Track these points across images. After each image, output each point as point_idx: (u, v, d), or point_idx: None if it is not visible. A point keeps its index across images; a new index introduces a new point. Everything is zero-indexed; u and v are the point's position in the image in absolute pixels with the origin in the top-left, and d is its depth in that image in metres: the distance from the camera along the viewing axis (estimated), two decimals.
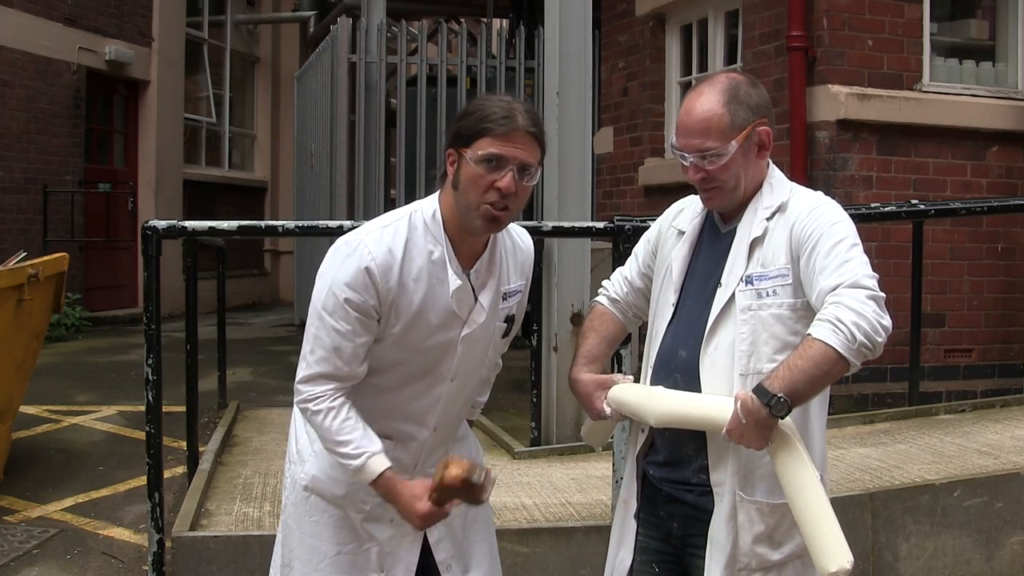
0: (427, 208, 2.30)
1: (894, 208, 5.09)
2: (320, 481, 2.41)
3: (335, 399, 2.26)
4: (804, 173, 5.96)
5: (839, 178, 6.00)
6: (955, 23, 6.67)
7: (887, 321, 2.02)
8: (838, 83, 5.98)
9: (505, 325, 2.41)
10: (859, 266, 2.08)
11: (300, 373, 2.29)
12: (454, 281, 2.26)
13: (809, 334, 2.02)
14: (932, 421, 5.36)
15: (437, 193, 2.33)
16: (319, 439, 2.32)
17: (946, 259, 6.17)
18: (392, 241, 2.23)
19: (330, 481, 2.39)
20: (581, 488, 4.46)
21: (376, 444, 2.25)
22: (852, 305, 2.00)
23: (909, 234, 5.56)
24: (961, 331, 6.27)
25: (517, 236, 2.45)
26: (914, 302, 5.55)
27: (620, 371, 3.99)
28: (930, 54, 6.28)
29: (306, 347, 2.29)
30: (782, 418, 2.03)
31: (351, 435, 2.24)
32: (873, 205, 5.28)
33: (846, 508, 3.95)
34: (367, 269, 2.20)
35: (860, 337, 1.97)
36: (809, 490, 2.06)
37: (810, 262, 2.13)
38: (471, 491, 2.17)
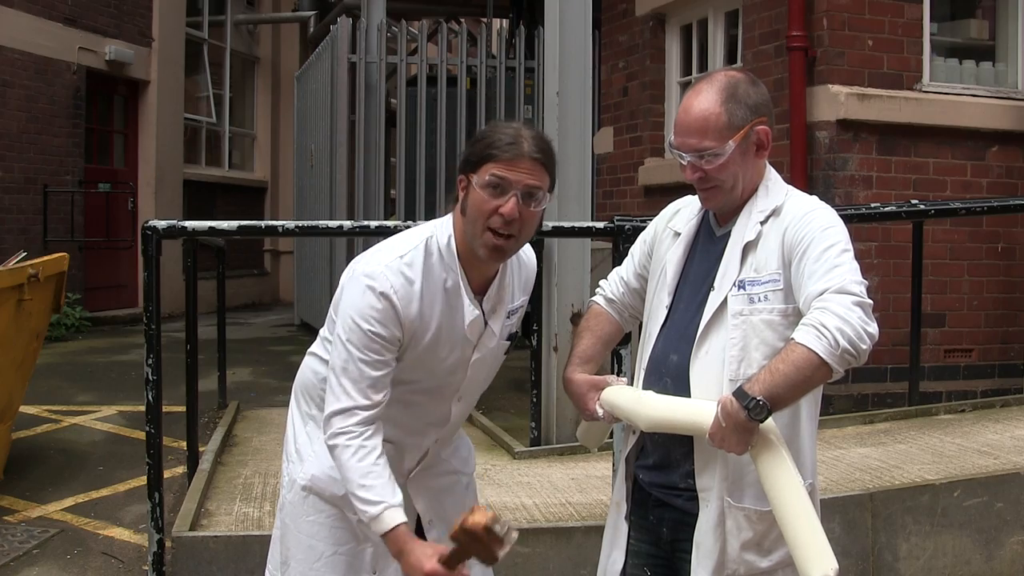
0: (442, 234, 2.32)
1: (894, 208, 5.09)
2: (320, 481, 2.41)
3: (367, 438, 2.23)
4: (804, 173, 5.96)
5: (839, 178, 6.00)
6: (955, 23, 6.66)
7: (873, 328, 2.00)
8: (838, 83, 5.97)
9: (508, 343, 2.45)
10: (848, 272, 2.06)
11: (331, 406, 2.26)
12: (470, 311, 2.30)
13: (792, 338, 2.01)
14: (932, 421, 5.36)
15: (451, 216, 2.34)
16: (340, 473, 2.27)
17: (946, 259, 6.17)
18: (411, 271, 2.26)
19: (330, 481, 2.39)
20: (581, 488, 4.46)
21: (397, 496, 2.22)
22: (837, 311, 1.98)
23: (909, 234, 5.55)
24: (961, 331, 6.27)
25: (523, 253, 2.46)
26: (914, 302, 5.55)
27: (620, 371, 4.00)
28: (930, 54, 6.28)
29: (333, 379, 2.27)
30: (761, 421, 2.01)
31: (375, 481, 2.20)
32: (873, 205, 5.28)
33: (846, 508, 3.96)
34: (390, 301, 2.22)
35: (844, 343, 1.96)
36: (792, 495, 2.04)
37: (800, 267, 2.12)
38: (491, 541, 2.10)
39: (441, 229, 2.34)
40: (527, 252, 2.50)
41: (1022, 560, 4.13)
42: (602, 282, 2.61)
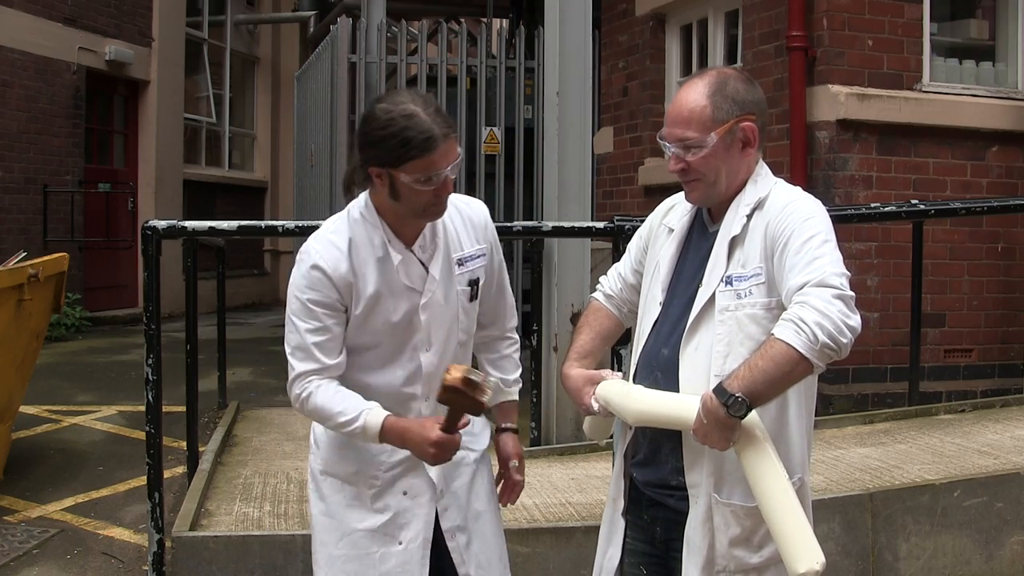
0: (360, 202, 2.47)
1: (894, 208, 5.09)
2: (332, 463, 2.53)
3: (319, 380, 2.41)
4: (804, 173, 5.96)
5: (839, 178, 6.00)
6: (955, 23, 6.66)
7: (854, 321, 1.98)
8: (838, 83, 5.97)
9: (469, 289, 2.53)
10: (828, 264, 2.05)
11: (289, 377, 2.44)
12: (395, 257, 2.41)
13: (772, 334, 2.01)
14: (932, 421, 5.35)
15: (367, 191, 2.46)
16: (320, 421, 2.47)
17: (946, 259, 6.17)
18: (335, 238, 2.42)
19: (339, 459, 2.51)
20: (581, 488, 4.46)
21: (368, 403, 2.38)
22: (817, 305, 1.97)
23: (909, 234, 5.55)
24: (961, 331, 6.26)
25: (465, 205, 2.59)
26: (914, 302, 5.54)
27: (620, 371, 4.00)
28: (930, 54, 6.28)
29: (287, 353, 2.45)
30: (741, 418, 2.01)
31: (343, 404, 2.37)
32: (873, 205, 5.28)
33: (846, 508, 3.96)
34: (320, 268, 2.38)
35: (823, 338, 1.95)
36: (776, 490, 2.04)
37: (781, 260, 2.11)
38: (473, 390, 2.25)
39: (359, 199, 2.48)
40: (470, 203, 2.60)
41: (1022, 560, 4.13)
42: (602, 278, 2.63)
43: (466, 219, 2.55)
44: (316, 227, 4.30)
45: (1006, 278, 6.35)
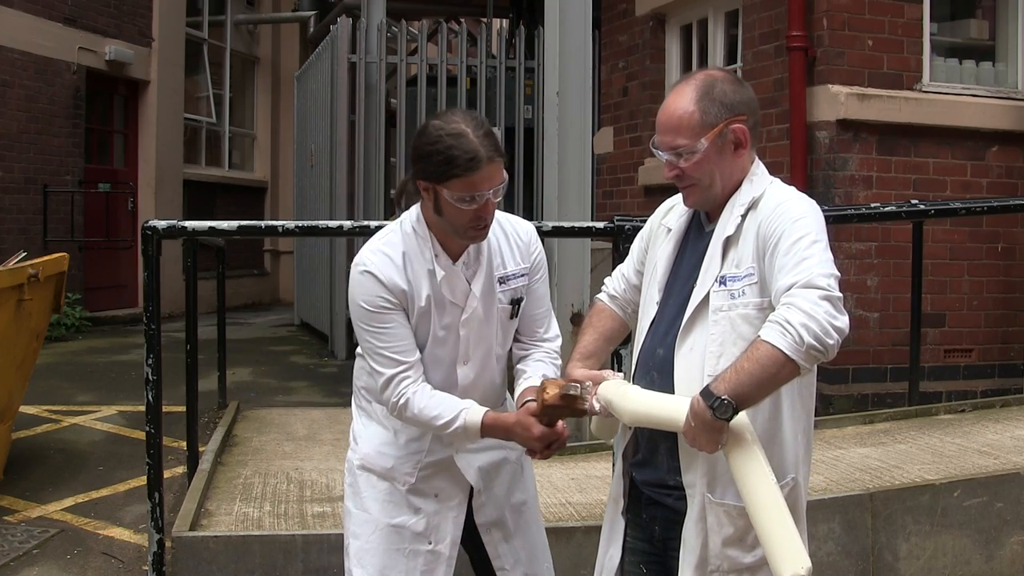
0: (412, 215, 2.53)
1: (894, 208, 5.09)
2: (370, 458, 2.62)
3: (412, 385, 2.47)
4: (804, 173, 5.96)
5: (839, 178, 6.00)
6: (955, 23, 6.66)
7: (840, 322, 1.98)
8: (838, 83, 5.97)
9: (511, 307, 2.59)
10: (816, 265, 2.04)
11: (378, 385, 2.51)
12: (439, 272, 2.50)
13: (759, 336, 2.01)
14: (932, 421, 5.35)
15: (419, 204, 2.52)
16: (419, 426, 2.52)
17: (946, 259, 6.17)
18: (388, 249, 2.50)
19: (378, 455, 2.60)
20: (581, 488, 4.46)
21: (464, 401, 2.48)
22: (803, 306, 1.97)
23: (909, 234, 5.55)
24: (961, 331, 6.27)
25: (511, 226, 2.64)
26: (914, 302, 5.54)
27: (620, 371, 4.00)
28: (930, 54, 6.28)
29: (368, 361, 2.53)
30: (727, 420, 2.01)
31: (439, 408, 2.46)
32: (873, 205, 5.28)
33: (846, 508, 3.96)
34: (373, 275, 2.46)
35: (809, 339, 1.95)
36: (763, 493, 2.04)
37: (772, 260, 2.12)
38: (572, 404, 2.34)
39: (411, 212, 2.54)
40: (517, 224, 2.65)
41: (1022, 560, 4.13)
42: (606, 279, 2.65)
43: (511, 238, 2.61)
44: (316, 227, 4.34)
45: (1006, 278, 6.35)
